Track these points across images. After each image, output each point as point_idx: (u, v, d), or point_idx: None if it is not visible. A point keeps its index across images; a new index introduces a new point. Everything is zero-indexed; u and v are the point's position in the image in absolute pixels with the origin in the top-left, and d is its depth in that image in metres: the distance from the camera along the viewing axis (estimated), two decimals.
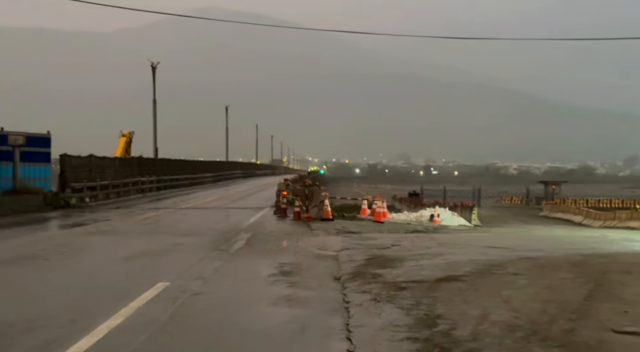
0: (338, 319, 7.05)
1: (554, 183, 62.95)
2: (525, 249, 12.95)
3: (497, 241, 15.29)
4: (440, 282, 8.78)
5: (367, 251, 12.50)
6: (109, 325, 6.65)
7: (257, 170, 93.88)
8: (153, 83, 43.52)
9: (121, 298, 7.92)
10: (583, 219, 40.43)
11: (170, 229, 17.81)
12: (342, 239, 14.89)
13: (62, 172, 27.68)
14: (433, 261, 10.89)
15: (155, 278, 9.31)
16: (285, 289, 8.81)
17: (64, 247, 13.88)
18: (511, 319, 6.67)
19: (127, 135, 43.50)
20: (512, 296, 7.76)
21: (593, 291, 7.99)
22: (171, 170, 45.16)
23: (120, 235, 16.28)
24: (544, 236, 19.89)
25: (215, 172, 60.45)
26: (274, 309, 7.66)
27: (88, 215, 22.47)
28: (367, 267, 10.40)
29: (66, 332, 6.44)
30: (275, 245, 13.88)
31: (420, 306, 7.38)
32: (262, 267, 10.74)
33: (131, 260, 11.87)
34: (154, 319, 6.99)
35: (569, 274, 9.22)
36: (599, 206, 54.20)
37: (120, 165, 35.40)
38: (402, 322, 6.69)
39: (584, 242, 15.99)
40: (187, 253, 12.60)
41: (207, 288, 8.94)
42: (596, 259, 11.03)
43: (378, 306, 7.51)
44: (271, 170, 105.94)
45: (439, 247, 13.38)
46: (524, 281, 8.81)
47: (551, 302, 7.38)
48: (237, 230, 17.05)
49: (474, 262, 10.54)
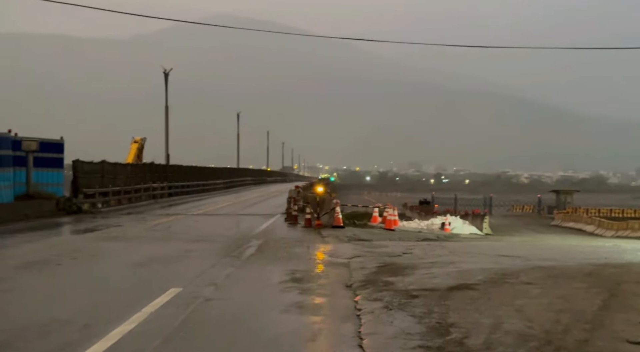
0: (350, 326, 7.04)
1: (565, 192, 62.63)
2: (537, 258, 12.88)
3: (509, 250, 15.21)
4: (453, 291, 8.76)
5: (379, 259, 12.48)
6: (122, 330, 6.68)
7: (267, 177, 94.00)
8: (165, 89, 43.73)
9: (134, 304, 7.95)
10: (595, 228, 40.18)
11: (182, 235, 17.85)
12: (353, 247, 14.87)
13: (74, 177, 27.87)
14: (445, 269, 10.86)
15: (167, 284, 9.34)
16: (297, 296, 8.81)
17: (77, 252, 13.94)
18: (524, 328, 6.64)
19: (139, 142, 43.71)
20: (525, 305, 7.72)
21: (607, 301, 7.94)
22: (182, 177, 45.32)
23: (132, 241, 16.34)
24: (557, 245, 19.77)
25: (226, 179, 60.62)
26: (285, 316, 7.66)
27: (100, 220, 22.58)
28: (378, 275, 10.38)
29: (80, 337, 6.47)
30: (286, 252, 13.88)
31: (433, 314, 7.36)
32: (274, 274, 10.75)
33: (143, 266, 11.91)
34: (166, 324, 7.02)
35: (582, 284, 9.16)
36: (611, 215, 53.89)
37: (132, 171, 35.56)
38: (414, 331, 6.67)
39: (597, 252, 15.88)
40: (199, 259, 12.62)
41: (219, 294, 8.95)
42: (610, 269, 10.96)
43: (390, 314, 7.49)
44: (282, 178, 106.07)
45: (451, 255, 13.34)
46: (537, 290, 8.76)
47: (565, 312, 7.34)
48: (248, 237, 17.07)
49: (486, 271, 10.50)
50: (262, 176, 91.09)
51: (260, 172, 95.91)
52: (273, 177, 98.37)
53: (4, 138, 23.36)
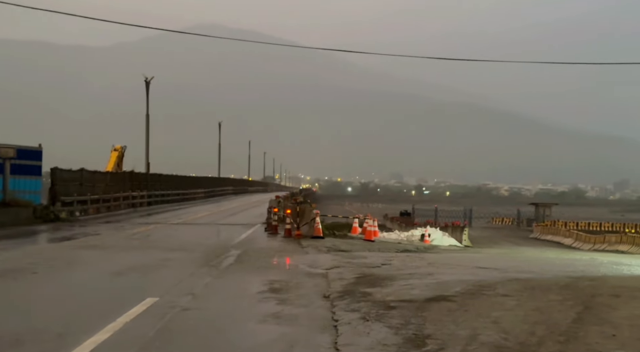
0: (327, 337, 7.03)
1: (544, 205, 63.16)
2: (515, 271, 12.96)
3: (487, 262, 15.30)
4: (430, 302, 8.78)
5: (357, 270, 12.49)
6: (96, 340, 6.60)
7: (249, 186, 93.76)
8: (146, 98, 43.52)
9: (109, 313, 7.87)
10: (573, 241, 40.54)
11: (161, 244, 17.73)
12: (332, 257, 14.87)
13: (52, 185, 27.57)
14: (423, 281, 10.89)
15: (144, 293, 9.26)
16: (274, 306, 8.78)
17: (53, 261, 13.79)
18: (500, 340, 6.67)
19: (119, 150, 43.43)
20: (502, 317, 7.77)
21: (582, 313, 8.00)
22: (163, 186, 45.06)
23: (109, 249, 16.20)
24: (534, 258, 19.92)
25: (207, 188, 60.36)
26: (262, 326, 7.64)
27: (78, 229, 22.36)
28: (356, 286, 10.39)
29: (54, 347, 6.40)
30: (266, 262, 13.85)
31: (409, 326, 7.38)
32: (252, 284, 10.71)
33: (120, 275, 11.80)
34: (141, 334, 6.95)
35: (558, 297, 9.23)
36: (589, 229, 54.43)
37: (111, 180, 35.30)
38: (390, 342, 6.68)
39: (574, 264, 16.02)
40: (177, 269, 12.54)
41: (197, 304, 8.90)
42: (585, 281, 11.06)
43: (367, 325, 7.50)
44: (263, 187, 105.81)
45: (429, 266, 13.38)
46: (513, 302, 8.82)
47: (540, 324, 7.39)
48: (227, 246, 17.00)
49: (464, 283, 10.54)
50: (244, 185, 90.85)
51: (241, 181, 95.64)
52: (254, 187, 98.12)
53: None
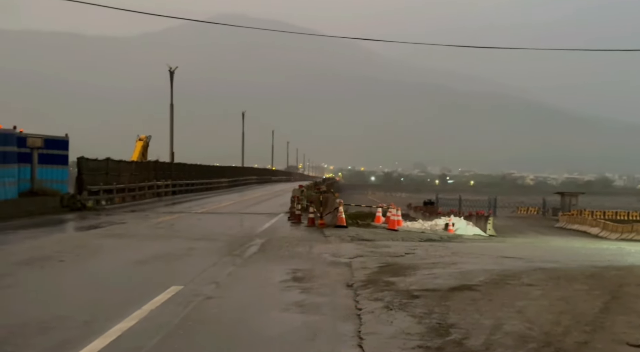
0: (350, 326, 7.03)
1: (571, 194, 62.42)
2: (540, 260, 12.83)
3: (512, 251, 15.17)
4: (454, 291, 8.73)
5: (381, 259, 12.46)
6: (121, 327, 6.68)
7: (272, 176, 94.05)
8: (170, 88, 43.79)
9: (134, 301, 7.96)
10: (600, 231, 40.06)
11: (185, 233, 17.87)
12: (355, 246, 14.85)
13: (79, 174, 27.90)
14: (447, 270, 10.83)
15: (169, 282, 9.35)
16: (298, 295, 8.80)
17: (80, 249, 13.98)
18: (524, 330, 6.61)
19: (144, 140, 43.78)
20: (526, 307, 7.70)
21: (608, 303, 7.90)
22: (187, 175, 45.37)
23: (134, 238, 16.37)
24: (560, 247, 19.69)
25: (230, 178, 60.66)
26: (286, 314, 7.66)
27: (104, 218, 22.63)
28: (380, 275, 10.37)
29: (79, 334, 6.48)
30: (289, 251, 13.88)
31: (433, 315, 7.34)
32: (275, 273, 10.75)
33: (145, 263, 11.93)
34: (166, 322, 7.02)
35: (584, 286, 9.12)
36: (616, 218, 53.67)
37: (136, 169, 35.61)
38: (414, 331, 6.66)
39: (600, 254, 15.81)
40: (201, 258, 12.63)
41: (220, 293, 8.96)
42: (612, 271, 10.91)
43: (390, 314, 7.48)
44: (286, 177, 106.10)
45: (453, 256, 13.31)
46: (538, 291, 8.73)
47: (565, 313, 7.31)
48: (251, 235, 17.07)
49: (488, 272, 10.46)
50: (267, 175, 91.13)
51: (264, 171, 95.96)
52: (278, 177, 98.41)
53: (9, 135, 23.42)
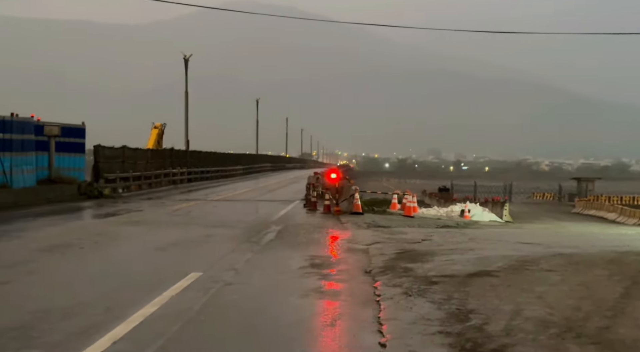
0: (369, 312, 7.05)
1: (587, 179, 61.92)
2: (558, 246, 12.78)
3: (529, 237, 15.12)
4: (472, 277, 8.73)
5: (398, 245, 12.47)
6: (143, 313, 6.75)
7: (286, 163, 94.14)
8: (185, 75, 43.85)
9: (154, 287, 8.03)
10: (617, 216, 39.71)
11: (201, 220, 17.97)
12: (372, 233, 14.87)
13: (95, 162, 28.11)
14: (464, 256, 10.82)
15: (188, 268, 9.41)
16: (316, 281, 8.84)
17: (99, 236, 14.11)
18: (545, 315, 6.60)
19: (159, 127, 43.94)
20: (546, 292, 7.68)
21: (629, 288, 7.86)
22: (202, 163, 45.53)
23: (152, 225, 16.49)
24: (578, 233, 19.60)
25: (245, 165, 60.81)
26: (305, 300, 7.69)
27: (121, 205, 22.80)
28: (397, 261, 10.38)
29: (102, 320, 6.56)
30: (305, 238, 13.92)
31: (452, 301, 7.35)
32: (293, 259, 10.79)
33: (163, 250, 12.02)
34: (187, 308, 7.08)
35: (604, 271, 9.08)
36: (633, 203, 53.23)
37: (152, 157, 35.80)
38: (433, 317, 6.67)
39: (619, 239, 15.72)
40: (219, 244, 12.71)
41: (239, 279, 9.01)
42: (632, 256, 10.85)
43: (409, 300, 7.49)
44: (301, 164, 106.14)
45: (470, 242, 13.29)
46: (557, 277, 8.71)
47: (586, 299, 7.29)
48: (267, 222, 17.14)
49: (506, 258, 10.44)
50: (281, 162, 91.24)
51: (279, 158, 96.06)
52: (292, 164, 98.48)
53: (27, 123, 23.61)
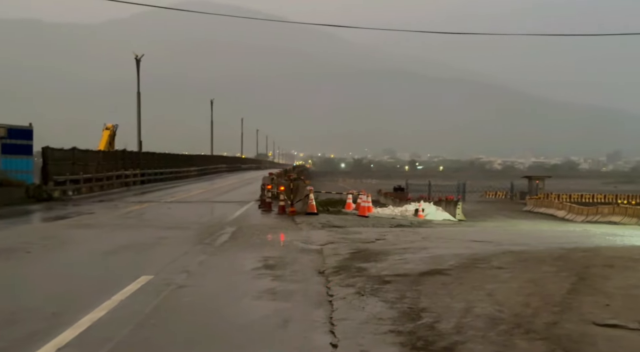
0: (321, 312, 7.04)
1: (537, 178, 63.36)
2: (509, 243, 13.01)
3: (481, 235, 15.35)
4: (425, 276, 8.80)
5: (352, 245, 12.50)
6: (91, 318, 6.60)
7: (242, 164, 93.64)
8: (137, 76, 43.17)
9: (104, 291, 7.86)
10: (566, 213, 40.79)
11: (155, 222, 17.71)
12: (326, 233, 14.88)
13: (44, 165, 27.43)
14: (417, 255, 10.91)
15: (139, 271, 9.25)
16: (270, 282, 8.79)
17: (47, 240, 13.76)
18: (495, 312, 6.69)
19: (111, 129, 43.18)
20: (496, 290, 7.79)
21: (576, 284, 8.04)
22: (156, 164, 44.90)
23: (103, 228, 16.16)
24: (528, 230, 20.00)
25: (200, 166, 60.24)
26: (258, 302, 7.64)
27: (71, 208, 22.30)
28: (351, 261, 10.40)
29: (48, 325, 6.38)
30: (260, 239, 13.85)
31: (404, 300, 7.39)
32: (247, 260, 10.71)
33: (114, 253, 11.79)
34: (137, 311, 6.95)
35: (552, 268, 9.27)
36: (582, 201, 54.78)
37: (103, 159, 35.14)
38: (386, 316, 6.69)
39: (566, 236, 16.09)
40: (172, 247, 12.53)
41: (192, 281, 8.89)
42: (579, 253, 11.10)
43: (362, 300, 7.51)
44: (256, 165, 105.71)
45: (424, 241, 13.42)
46: (507, 274, 8.85)
47: (534, 295, 7.42)
48: (221, 224, 17.00)
49: (458, 256, 10.57)
50: (237, 163, 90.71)
51: (234, 159, 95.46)
52: (247, 165, 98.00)
53: None
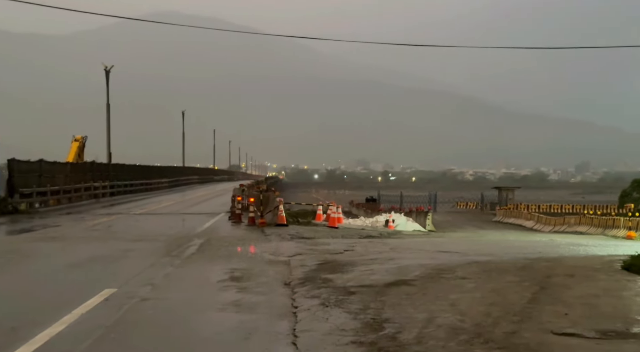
0: (285, 324, 7.03)
1: (507, 189, 64.07)
2: (475, 254, 13.14)
3: (448, 246, 15.49)
4: (390, 287, 8.85)
5: (320, 256, 12.52)
6: (49, 333, 6.49)
7: (214, 175, 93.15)
8: (107, 87, 42.81)
9: (65, 305, 7.74)
10: (534, 224, 41.30)
11: (122, 234, 17.51)
12: (295, 245, 14.87)
13: (9, 177, 26.96)
14: (384, 266, 10.97)
15: (102, 285, 9.14)
16: (235, 294, 8.75)
17: (10, 253, 13.52)
18: (456, 322, 6.76)
19: (80, 140, 42.61)
20: (459, 300, 7.87)
21: (537, 293, 8.16)
22: (126, 176, 44.43)
23: (69, 241, 15.93)
24: (495, 241, 20.24)
25: (171, 178, 59.77)
26: (222, 314, 7.61)
27: (37, 221, 21.94)
28: (318, 272, 10.41)
29: (5, 341, 6.27)
30: (228, 251, 13.79)
31: (368, 310, 7.43)
32: (213, 273, 10.66)
33: (78, 266, 11.63)
34: (97, 325, 6.86)
35: (515, 278, 9.39)
36: (550, 211, 55.52)
37: (72, 171, 34.68)
38: (348, 327, 6.71)
39: (532, 246, 16.30)
40: (138, 259, 12.41)
41: (156, 294, 8.81)
42: (542, 263, 11.27)
43: (326, 311, 7.52)
44: (229, 176, 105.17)
45: (391, 252, 13.49)
46: (471, 284, 8.94)
47: (496, 305, 7.51)
48: (190, 235, 16.88)
49: (424, 267, 10.65)
50: (209, 174, 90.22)
51: (206, 171, 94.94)
52: (220, 176, 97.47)
53: None
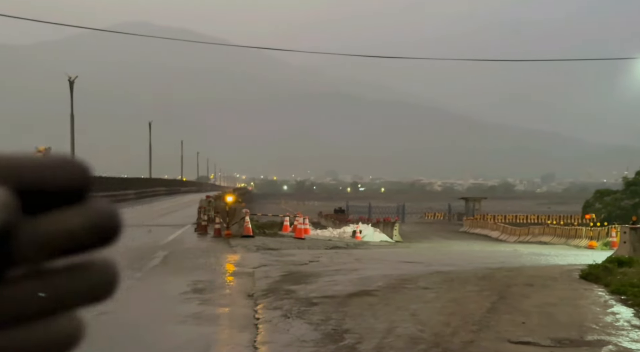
0: (246, 335, 7.00)
1: (474, 199, 64.75)
2: (438, 264, 13.27)
3: (413, 256, 15.61)
4: (352, 297, 8.88)
5: (284, 268, 12.49)
6: None
7: (182, 187, 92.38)
8: (71, 98, 42.25)
9: None
10: (500, 234, 41.77)
11: None
12: (260, 256, 14.82)
13: None
14: (347, 276, 11.00)
15: None
16: (196, 306, 8.69)
17: None
18: (416, 332, 6.81)
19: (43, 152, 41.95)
20: (420, 310, 7.93)
21: (496, 303, 8.27)
22: None
23: None
24: (460, 251, 20.43)
25: (137, 189, 59.09)
26: (182, 327, 7.54)
27: None
28: (281, 284, 10.39)
29: None
30: (192, 262, 13.68)
31: (330, 321, 7.44)
32: (175, 285, 10.55)
33: None
34: None
35: (475, 288, 9.51)
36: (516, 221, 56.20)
37: None
38: (309, 338, 6.72)
39: (495, 256, 16.52)
40: None
41: (115, 308, 8.63)
42: (503, 272, 11.43)
43: (288, 322, 7.52)
44: (197, 187, 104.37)
45: (356, 262, 13.54)
46: (432, 294, 9.03)
47: (455, 314, 7.59)
48: (154, 247, 16.69)
49: (387, 277, 10.71)
50: (176, 186, 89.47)
51: (174, 182, 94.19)
52: (187, 187, 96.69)
53: None
